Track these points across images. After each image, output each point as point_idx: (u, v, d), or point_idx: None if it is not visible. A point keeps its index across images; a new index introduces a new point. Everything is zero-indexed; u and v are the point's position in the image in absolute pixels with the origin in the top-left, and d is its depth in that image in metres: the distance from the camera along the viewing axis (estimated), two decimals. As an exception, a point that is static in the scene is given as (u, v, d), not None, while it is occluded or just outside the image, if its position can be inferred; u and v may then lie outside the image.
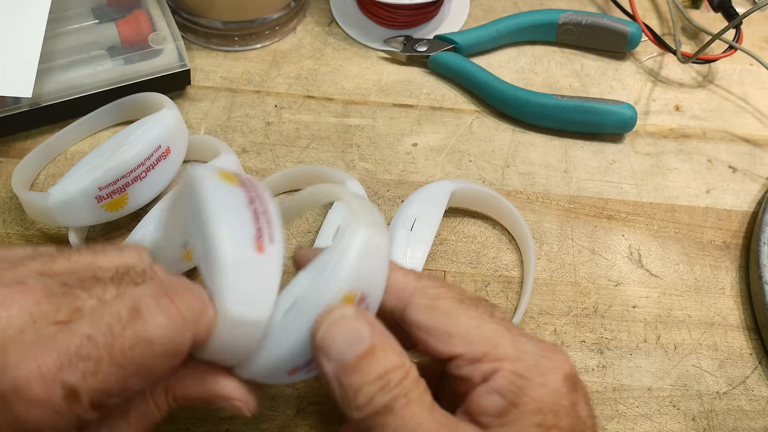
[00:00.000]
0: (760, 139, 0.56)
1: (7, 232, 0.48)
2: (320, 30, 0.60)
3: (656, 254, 0.50)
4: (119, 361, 0.28)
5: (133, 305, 0.29)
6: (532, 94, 0.55)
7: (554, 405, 0.31)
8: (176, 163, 0.48)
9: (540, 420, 0.30)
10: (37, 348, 0.28)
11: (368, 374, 0.30)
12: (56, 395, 0.28)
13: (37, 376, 0.27)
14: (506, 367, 0.31)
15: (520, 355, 0.32)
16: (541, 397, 0.31)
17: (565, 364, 0.32)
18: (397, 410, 0.29)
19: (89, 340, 0.28)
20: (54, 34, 0.53)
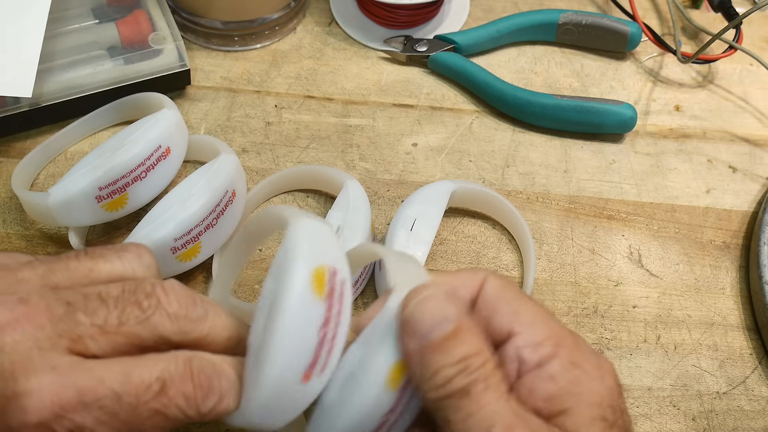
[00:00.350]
0: (760, 139, 0.56)
1: (7, 232, 0.49)
2: (320, 30, 0.60)
3: (656, 254, 0.50)
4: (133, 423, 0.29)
5: (163, 377, 0.30)
6: (532, 94, 0.55)
7: (612, 402, 0.31)
8: (176, 163, 0.48)
9: (601, 413, 0.30)
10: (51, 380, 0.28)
11: (451, 356, 0.29)
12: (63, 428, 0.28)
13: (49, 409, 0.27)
14: (564, 354, 0.31)
15: (576, 347, 0.31)
16: (599, 390, 0.30)
17: (614, 371, 0.32)
18: (474, 395, 0.29)
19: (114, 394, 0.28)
20: (54, 34, 0.53)
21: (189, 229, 0.44)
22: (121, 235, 0.48)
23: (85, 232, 0.48)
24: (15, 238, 0.48)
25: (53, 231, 0.49)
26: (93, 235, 0.49)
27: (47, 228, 0.49)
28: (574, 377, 0.31)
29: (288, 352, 0.29)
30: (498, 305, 0.32)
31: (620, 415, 0.31)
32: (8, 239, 0.48)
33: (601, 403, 0.30)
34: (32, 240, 0.48)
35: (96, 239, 0.48)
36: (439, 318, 0.30)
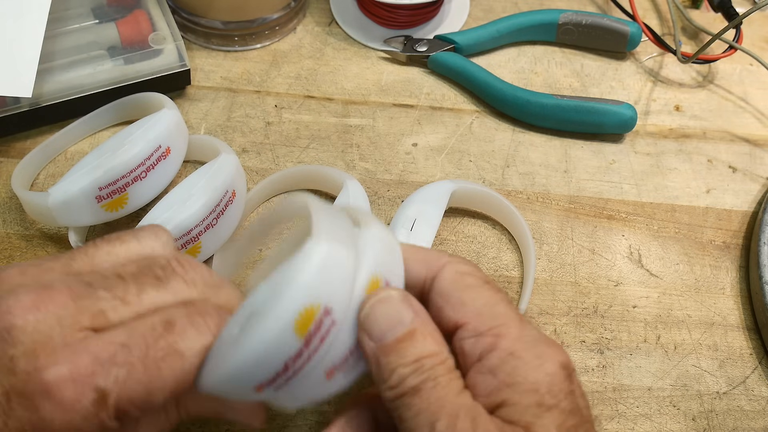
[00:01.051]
0: (760, 139, 0.56)
1: (7, 232, 0.49)
2: (320, 30, 0.60)
3: (656, 254, 0.50)
4: (151, 369, 0.29)
5: (167, 319, 0.30)
6: (532, 94, 0.55)
7: (552, 387, 0.31)
8: (176, 163, 0.49)
9: (538, 399, 0.30)
10: (69, 352, 0.28)
11: (404, 357, 0.30)
12: (86, 399, 0.28)
13: (68, 379, 0.28)
14: (503, 345, 0.31)
15: (520, 336, 0.32)
16: (536, 378, 0.31)
17: (562, 355, 0.32)
18: (423, 392, 0.30)
19: (123, 347, 0.29)
20: (54, 34, 0.53)
21: (189, 229, 0.44)
22: (121, 235, 0.48)
23: (85, 232, 0.48)
24: (15, 238, 0.48)
25: (53, 231, 0.49)
26: (93, 235, 0.49)
27: (47, 228, 0.49)
28: (512, 368, 0.31)
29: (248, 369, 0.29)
30: (449, 295, 0.33)
31: (564, 397, 0.31)
32: (8, 239, 0.48)
33: (538, 390, 0.30)
34: (32, 240, 0.48)
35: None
36: (394, 321, 0.31)
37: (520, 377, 0.31)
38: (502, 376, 0.31)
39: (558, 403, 0.30)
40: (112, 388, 0.28)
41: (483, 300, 0.33)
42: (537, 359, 0.31)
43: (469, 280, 0.33)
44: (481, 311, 0.32)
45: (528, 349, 0.31)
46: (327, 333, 0.30)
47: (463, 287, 0.33)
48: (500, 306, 0.33)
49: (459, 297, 0.33)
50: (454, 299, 0.33)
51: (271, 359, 0.29)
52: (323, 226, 0.31)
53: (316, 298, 0.29)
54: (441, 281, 0.33)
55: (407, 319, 0.31)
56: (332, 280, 0.30)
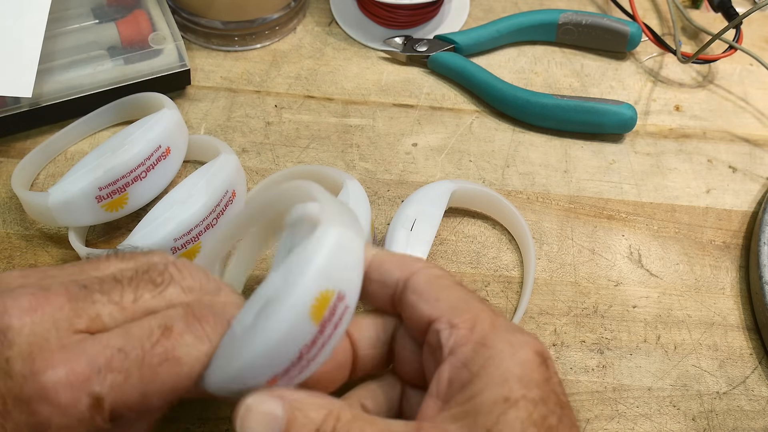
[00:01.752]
0: (760, 139, 0.56)
1: (7, 232, 0.48)
2: (320, 30, 0.60)
3: (656, 254, 0.50)
4: (147, 375, 0.29)
5: (164, 323, 0.30)
6: (532, 94, 0.55)
7: (523, 376, 0.30)
8: (176, 163, 0.49)
9: (505, 393, 0.30)
10: (65, 356, 0.28)
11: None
12: (82, 403, 0.28)
13: (65, 383, 0.28)
14: (475, 336, 0.31)
15: (491, 328, 0.31)
16: (508, 367, 0.30)
17: (536, 343, 0.31)
18: None
19: (120, 352, 0.29)
20: (54, 34, 0.53)
21: (189, 229, 0.44)
22: (121, 235, 0.48)
23: (85, 232, 0.48)
24: (15, 238, 0.48)
25: (53, 231, 0.49)
26: (93, 235, 0.49)
27: (47, 228, 0.49)
28: (484, 359, 0.30)
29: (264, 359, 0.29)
30: (423, 292, 0.33)
31: (533, 387, 0.30)
32: (8, 239, 0.48)
33: (508, 380, 0.30)
34: (32, 240, 0.48)
35: (96, 239, 0.48)
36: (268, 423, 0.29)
37: (491, 367, 0.30)
38: (475, 367, 0.30)
39: (525, 394, 0.30)
40: (108, 393, 0.28)
41: (456, 296, 0.33)
42: (510, 347, 0.31)
43: (443, 281, 0.33)
44: (454, 305, 0.32)
45: (501, 338, 0.31)
46: (340, 319, 0.30)
47: (437, 286, 0.33)
48: (473, 301, 0.33)
49: (433, 294, 0.33)
50: (428, 295, 0.33)
51: (288, 347, 0.29)
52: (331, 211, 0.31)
53: (331, 282, 0.29)
54: (415, 280, 0.33)
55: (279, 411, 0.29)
56: (345, 264, 0.30)
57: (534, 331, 0.46)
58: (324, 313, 0.29)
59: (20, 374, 0.28)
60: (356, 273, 0.31)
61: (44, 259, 0.48)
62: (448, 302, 0.32)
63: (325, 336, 0.30)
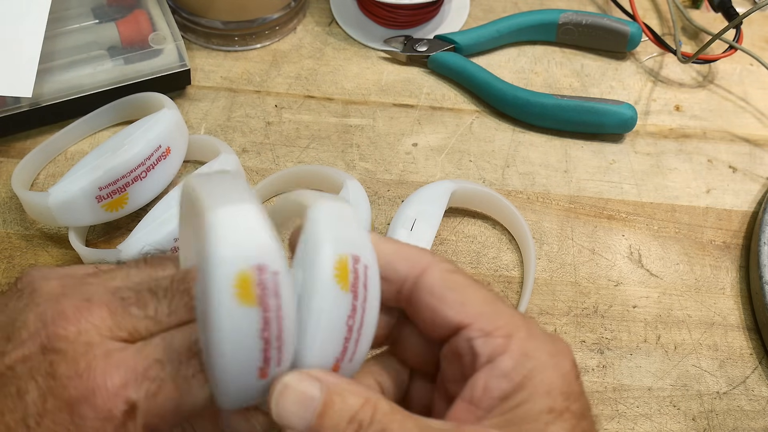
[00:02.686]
0: (760, 139, 0.56)
1: (7, 232, 0.48)
2: (320, 30, 0.60)
3: (656, 254, 0.50)
4: (181, 387, 0.30)
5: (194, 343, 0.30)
6: (532, 94, 0.55)
7: (565, 388, 0.30)
8: (176, 162, 0.49)
9: (550, 404, 0.30)
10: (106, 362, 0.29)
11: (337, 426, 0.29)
12: (118, 409, 0.29)
13: (104, 388, 0.29)
14: (516, 346, 0.30)
15: (531, 335, 0.31)
16: (551, 379, 0.30)
17: (571, 352, 0.31)
18: None
19: (157, 362, 0.30)
20: (54, 34, 0.53)
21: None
22: (121, 235, 0.48)
23: (85, 232, 0.48)
24: (15, 238, 0.48)
25: (53, 231, 0.49)
26: (93, 235, 0.49)
27: (47, 228, 0.49)
28: (527, 370, 0.30)
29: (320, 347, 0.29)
30: (443, 295, 0.32)
31: (574, 400, 0.30)
32: (8, 239, 0.48)
33: (551, 391, 0.30)
34: (32, 240, 0.48)
35: (96, 239, 0.48)
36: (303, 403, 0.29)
37: (535, 379, 0.30)
38: (517, 378, 0.30)
39: (569, 407, 0.30)
40: (143, 402, 0.29)
41: (480, 298, 0.32)
42: (552, 358, 0.30)
43: (459, 278, 0.32)
44: (482, 311, 0.31)
45: (541, 348, 0.31)
46: (366, 278, 0.30)
47: (456, 286, 0.32)
48: (499, 304, 0.32)
49: (455, 297, 0.32)
50: (451, 299, 0.32)
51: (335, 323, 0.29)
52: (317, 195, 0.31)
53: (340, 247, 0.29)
54: (430, 280, 0.32)
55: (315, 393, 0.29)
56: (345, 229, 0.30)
57: (534, 331, 0.46)
58: (349, 278, 0.29)
59: (65, 376, 0.29)
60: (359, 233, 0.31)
61: (44, 259, 0.48)
62: (474, 306, 0.32)
63: (360, 300, 0.30)
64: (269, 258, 0.29)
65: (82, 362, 0.29)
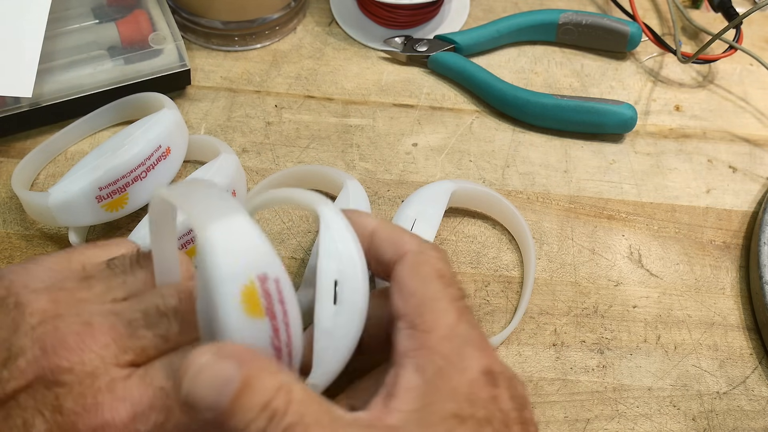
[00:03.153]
0: (760, 139, 0.56)
1: (7, 232, 0.49)
2: (320, 30, 0.60)
3: (656, 254, 0.50)
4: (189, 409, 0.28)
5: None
6: (532, 94, 0.55)
7: (470, 395, 0.30)
8: (176, 163, 0.49)
9: (456, 408, 0.29)
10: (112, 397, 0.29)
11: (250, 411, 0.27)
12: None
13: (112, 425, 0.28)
14: (430, 343, 0.31)
15: (449, 336, 0.31)
16: (456, 383, 0.30)
17: (486, 360, 0.31)
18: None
19: (161, 391, 0.29)
20: (54, 34, 0.53)
21: (190, 229, 0.44)
22: (121, 235, 0.48)
23: (85, 232, 0.48)
24: (15, 238, 0.48)
25: (53, 231, 0.49)
26: (93, 235, 0.49)
27: (47, 228, 0.49)
28: (438, 369, 0.30)
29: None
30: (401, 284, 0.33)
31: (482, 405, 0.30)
32: (8, 239, 0.48)
33: (457, 396, 0.30)
34: (32, 240, 0.48)
35: (96, 239, 0.48)
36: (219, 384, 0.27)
37: (442, 379, 0.30)
38: (428, 375, 0.30)
39: (474, 413, 0.30)
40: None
41: (429, 293, 0.32)
42: (460, 361, 0.30)
43: (424, 270, 0.33)
44: (421, 303, 0.32)
45: (454, 351, 0.31)
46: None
47: (415, 277, 0.33)
48: (442, 302, 0.32)
49: (408, 287, 0.32)
50: (404, 289, 0.32)
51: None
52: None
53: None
54: (399, 268, 0.33)
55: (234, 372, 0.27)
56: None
57: (534, 331, 0.46)
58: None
59: (72, 412, 0.28)
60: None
61: (44, 259, 0.48)
62: (416, 299, 0.32)
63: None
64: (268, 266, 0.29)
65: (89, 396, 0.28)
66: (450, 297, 0.32)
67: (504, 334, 0.45)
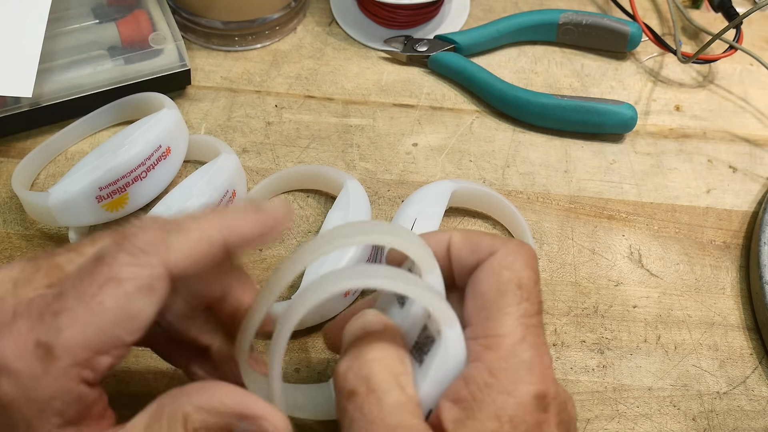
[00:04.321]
0: (760, 139, 0.56)
1: (7, 232, 0.49)
2: (320, 30, 0.60)
3: (656, 254, 0.50)
4: (92, 307, 0.27)
5: (95, 255, 0.29)
6: (533, 94, 0.55)
7: (515, 417, 0.30)
8: (176, 163, 0.49)
9: (496, 427, 0.29)
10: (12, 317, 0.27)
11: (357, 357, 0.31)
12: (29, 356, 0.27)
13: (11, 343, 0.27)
14: (487, 359, 0.31)
15: (506, 356, 0.31)
16: (503, 403, 0.30)
17: (541, 385, 0.31)
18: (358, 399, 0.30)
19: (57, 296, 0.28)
20: (54, 34, 0.53)
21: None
22: (121, 235, 0.48)
23: (85, 232, 0.48)
24: (15, 238, 0.48)
25: (53, 231, 0.49)
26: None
27: (47, 228, 0.49)
28: (485, 386, 0.30)
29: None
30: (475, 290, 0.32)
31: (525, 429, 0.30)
32: (8, 239, 0.48)
33: (501, 416, 0.29)
34: (32, 240, 0.48)
35: (96, 239, 0.48)
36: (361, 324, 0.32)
37: (488, 398, 0.30)
38: (474, 390, 0.30)
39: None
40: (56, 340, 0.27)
41: (500, 305, 0.31)
42: (511, 384, 0.30)
43: (504, 277, 0.32)
44: (489, 316, 0.31)
45: (508, 371, 0.30)
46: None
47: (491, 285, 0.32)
48: (511, 317, 0.31)
49: (481, 294, 0.32)
50: (477, 296, 0.32)
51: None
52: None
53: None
54: (480, 273, 0.32)
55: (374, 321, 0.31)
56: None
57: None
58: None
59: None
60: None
61: (44, 259, 0.48)
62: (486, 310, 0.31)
63: None
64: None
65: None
66: (521, 313, 0.31)
67: (504, 334, 0.45)
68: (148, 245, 0.29)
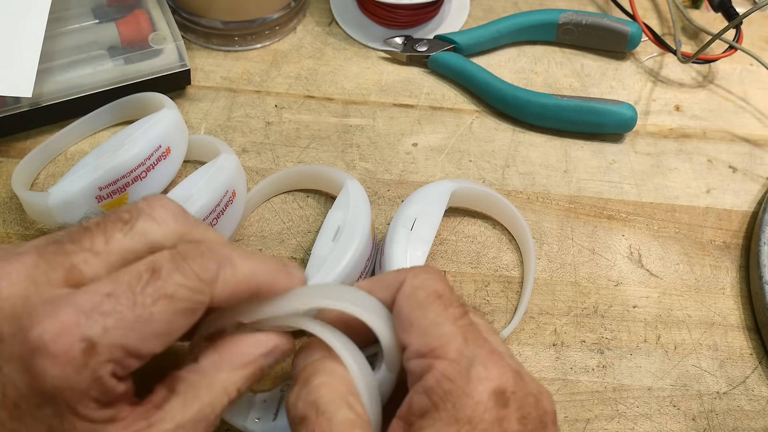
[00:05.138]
0: (760, 139, 0.56)
1: (7, 232, 0.49)
2: (320, 30, 0.60)
3: (656, 254, 0.50)
4: (142, 316, 0.29)
5: (151, 266, 0.30)
6: (532, 94, 0.55)
7: (473, 417, 0.30)
8: (176, 162, 0.49)
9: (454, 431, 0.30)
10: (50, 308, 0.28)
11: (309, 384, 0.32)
12: (74, 349, 0.28)
13: (54, 332, 0.28)
14: (439, 367, 0.31)
15: (458, 359, 0.31)
16: (462, 406, 0.30)
17: (499, 378, 0.31)
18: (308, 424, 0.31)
19: (109, 297, 0.29)
20: (54, 34, 0.53)
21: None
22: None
23: (85, 232, 0.48)
24: (15, 238, 0.48)
25: (53, 231, 0.49)
26: (93, 235, 0.49)
27: (47, 228, 0.49)
28: (444, 391, 0.30)
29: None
30: (400, 316, 0.32)
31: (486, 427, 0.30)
32: (8, 239, 0.48)
33: (459, 419, 0.30)
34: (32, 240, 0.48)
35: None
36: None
37: (449, 404, 0.30)
38: (434, 398, 0.30)
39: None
40: (101, 338, 0.28)
41: (429, 319, 0.32)
42: (468, 385, 0.30)
43: (421, 295, 0.32)
44: (425, 331, 0.32)
45: (462, 373, 0.30)
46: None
47: (413, 305, 0.32)
48: (445, 325, 0.32)
49: (408, 317, 0.32)
50: (404, 320, 0.32)
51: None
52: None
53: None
54: (398, 301, 0.33)
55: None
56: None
57: (534, 331, 0.46)
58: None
59: (9, 335, 0.28)
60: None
61: (44, 259, 0.48)
62: (419, 327, 0.32)
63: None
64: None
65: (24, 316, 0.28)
66: (452, 318, 0.32)
67: (504, 334, 0.45)
68: (203, 272, 0.30)
